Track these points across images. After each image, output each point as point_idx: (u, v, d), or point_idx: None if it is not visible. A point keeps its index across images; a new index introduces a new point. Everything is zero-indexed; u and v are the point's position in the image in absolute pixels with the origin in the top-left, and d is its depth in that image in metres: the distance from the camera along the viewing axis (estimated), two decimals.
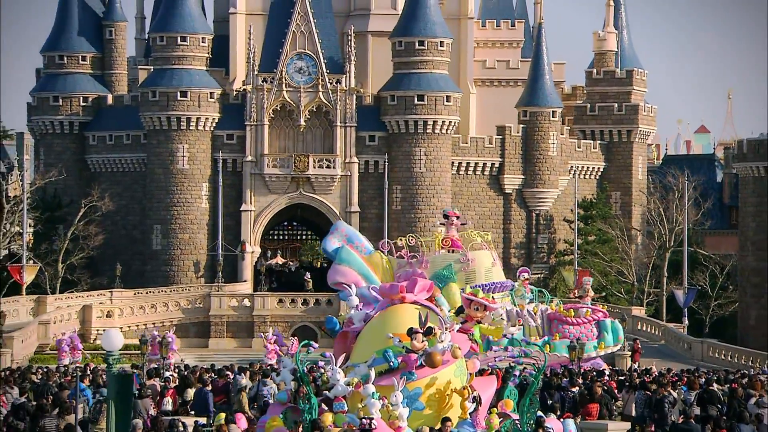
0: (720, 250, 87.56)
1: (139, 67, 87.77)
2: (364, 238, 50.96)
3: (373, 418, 26.37)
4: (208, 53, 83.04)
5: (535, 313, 49.71)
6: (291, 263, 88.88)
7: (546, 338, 49.42)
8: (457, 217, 51.44)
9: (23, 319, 69.01)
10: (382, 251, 49.10)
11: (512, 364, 29.00)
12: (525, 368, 28.60)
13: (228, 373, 42.44)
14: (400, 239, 51.19)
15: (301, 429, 26.13)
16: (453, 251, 49.15)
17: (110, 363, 21.46)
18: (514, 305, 49.69)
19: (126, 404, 21.13)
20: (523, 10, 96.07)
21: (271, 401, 31.05)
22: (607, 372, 44.37)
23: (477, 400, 27.66)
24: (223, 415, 28.09)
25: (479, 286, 48.61)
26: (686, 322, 73.55)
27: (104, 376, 34.04)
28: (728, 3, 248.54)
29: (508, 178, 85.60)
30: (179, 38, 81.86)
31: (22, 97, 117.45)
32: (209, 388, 35.03)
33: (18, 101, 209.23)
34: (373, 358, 27.42)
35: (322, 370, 28.21)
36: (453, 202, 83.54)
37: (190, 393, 34.67)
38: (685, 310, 72.97)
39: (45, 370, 43.47)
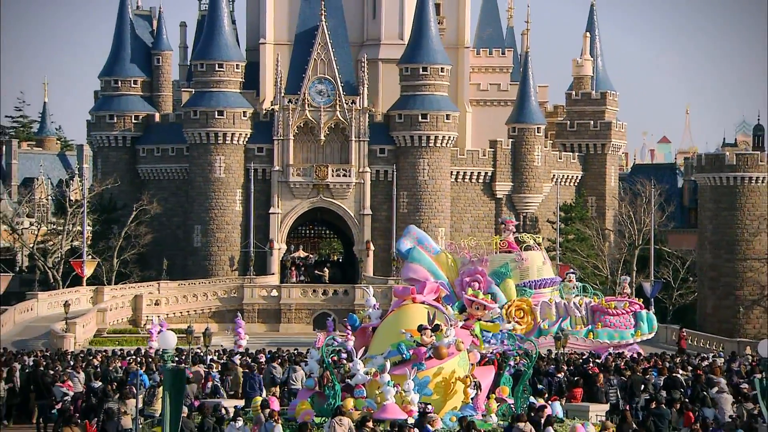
0: (681, 246, 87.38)
1: (182, 89, 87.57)
2: (432, 240, 51.27)
3: (429, 404, 26.51)
4: (242, 78, 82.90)
5: (580, 305, 49.79)
6: (311, 256, 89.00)
7: (590, 327, 49.52)
8: (513, 224, 51.73)
9: (84, 307, 69.29)
10: (447, 251, 49.42)
11: (508, 354, 28.97)
12: (519, 360, 28.55)
13: (260, 356, 42.26)
14: (463, 241, 51.32)
15: None
16: (509, 252, 49.26)
17: (165, 360, 21.38)
18: (562, 298, 49.85)
19: (179, 395, 21.14)
20: (512, 40, 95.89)
21: (299, 387, 31.07)
22: (642, 356, 44.19)
23: (477, 387, 27.79)
24: (260, 399, 28.00)
25: (532, 282, 49.21)
26: (653, 310, 73.30)
27: (158, 364, 34.02)
28: (686, 28, 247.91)
29: (499, 185, 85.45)
30: (216, 65, 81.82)
31: (82, 115, 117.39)
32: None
33: (78, 118, 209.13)
34: (388, 350, 27.59)
35: (345, 360, 28.33)
36: (451, 206, 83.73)
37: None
38: (652, 299, 72.80)
39: (106, 354, 43.33)
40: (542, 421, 25.39)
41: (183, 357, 39.69)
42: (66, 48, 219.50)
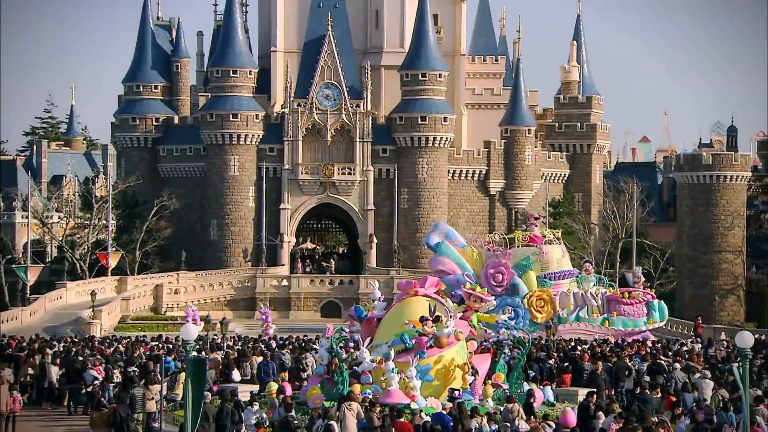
0: (661, 239, 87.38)
1: (200, 94, 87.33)
2: (459, 235, 51.27)
3: (458, 389, 26.46)
4: (254, 83, 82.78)
5: (596, 295, 49.77)
6: (318, 248, 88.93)
7: (605, 315, 49.53)
8: (536, 218, 51.77)
9: (108, 296, 69.17)
10: (473, 245, 49.45)
11: (503, 343, 28.98)
12: (514, 348, 28.55)
13: (272, 342, 41.99)
14: (488, 236, 51.36)
15: None
16: (531, 245, 49.28)
17: (188, 350, 21.22)
18: (580, 289, 49.83)
19: (200, 382, 20.98)
20: (505, 48, 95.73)
21: (310, 373, 31.02)
22: (652, 341, 43.99)
23: (475, 373, 27.82)
24: (275, 385, 28.04)
25: (551, 274, 49.29)
26: None
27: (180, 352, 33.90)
28: (666, 37, 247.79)
29: (493, 183, 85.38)
30: (231, 71, 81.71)
31: (107, 117, 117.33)
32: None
33: (103, 120, 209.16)
34: (392, 340, 27.61)
35: (352, 349, 28.34)
36: (448, 202, 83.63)
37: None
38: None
39: (130, 340, 43.12)
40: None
41: (201, 344, 39.59)
42: (92, 55, 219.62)
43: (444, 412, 22.64)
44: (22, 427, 28.87)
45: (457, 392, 26.08)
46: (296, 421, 23.55)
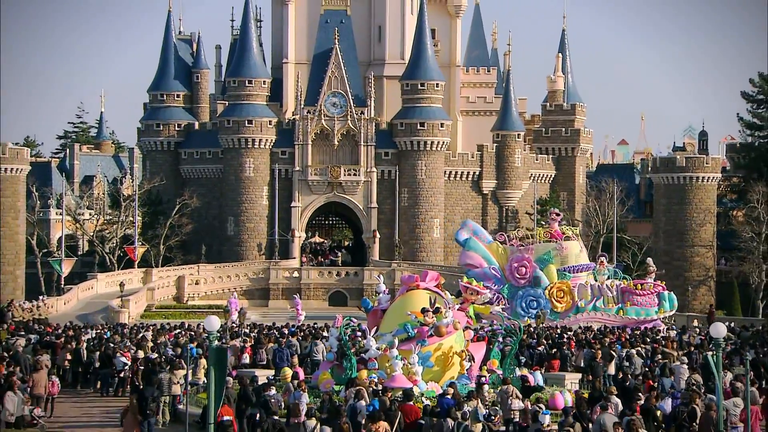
0: (639, 234, 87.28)
1: (218, 102, 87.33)
2: (486, 231, 51.25)
3: (484, 375, 26.30)
4: (268, 92, 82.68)
5: (611, 287, 49.69)
6: (325, 242, 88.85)
7: (620, 305, 49.46)
8: (557, 215, 51.80)
9: (135, 286, 69.14)
10: (498, 241, 49.46)
11: (497, 332, 28.94)
12: (507, 336, 28.51)
13: (284, 330, 41.73)
14: (512, 232, 51.42)
15: None
16: (552, 241, 49.26)
17: (210, 340, 21.22)
18: (596, 281, 49.77)
19: (222, 369, 20.95)
20: (496, 60, 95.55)
21: (321, 359, 30.98)
22: (663, 330, 43.77)
23: (471, 360, 27.77)
24: (289, 370, 28.03)
25: (570, 267, 49.30)
26: None
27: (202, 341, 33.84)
28: (641, 47, 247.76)
29: (485, 183, 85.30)
30: (246, 81, 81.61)
31: (133, 123, 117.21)
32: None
33: (130, 125, 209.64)
34: (396, 329, 27.54)
35: (360, 337, 28.29)
36: (445, 200, 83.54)
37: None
38: None
39: (155, 328, 43.09)
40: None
41: (221, 332, 39.53)
42: (120, 66, 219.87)
43: (448, 396, 22.60)
44: (59, 408, 28.94)
45: (484, 378, 26.01)
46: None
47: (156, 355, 31.65)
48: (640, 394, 23.08)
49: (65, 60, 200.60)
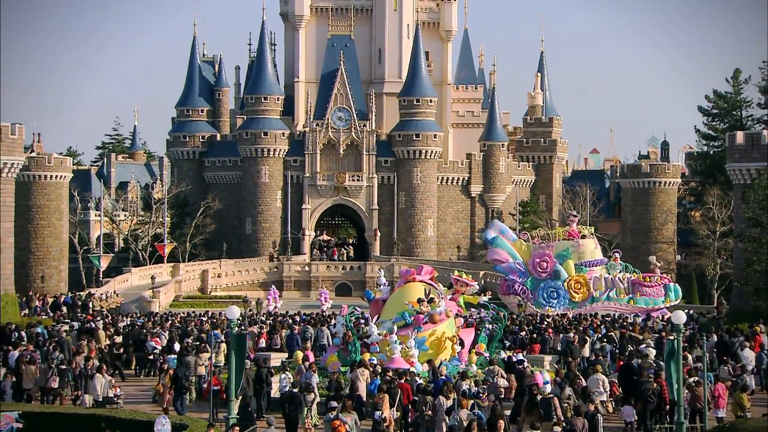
0: (609, 232, 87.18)
1: (237, 116, 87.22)
2: (511, 230, 51.18)
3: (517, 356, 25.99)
4: (281, 107, 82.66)
5: (623, 280, 49.63)
6: (332, 239, 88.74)
7: (630, 295, 49.39)
8: (574, 215, 51.84)
9: (165, 279, 69.02)
10: (522, 239, 49.45)
11: (484, 320, 28.94)
12: (493, 323, 28.51)
13: (296, 317, 41.72)
14: (533, 231, 51.40)
15: None
16: (570, 239, 49.26)
17: (231, 327, 21.28)
18: (609, 274, 49.73)
19: (241, 354, 21.01)
20: (483, 78, 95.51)
21: (328, 343, 31.00)
22: (667, 316, 43.07)
23: (462, 344, 27.80)
24: (301, 353, 28.02)
25: (586, 262, 49.28)
26: None
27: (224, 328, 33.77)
28: (610, 66, 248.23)
29: (473, 187, 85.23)
30: (262, 98, 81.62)
31: (163, 135, 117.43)
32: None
33: (159, 137, 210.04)
34: (395, 317, 27.59)
35: (363, 324, 28.31)
36: (438, 203, 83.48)
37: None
38: None
39: (182, 316, 43.06)
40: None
41: (241, 320, 39.51)
42: (151, 85, 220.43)
43: (442, 376, 22.58)
44: None
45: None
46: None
47: (184, 340, 31.58)
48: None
49: (104, 80, 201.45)
